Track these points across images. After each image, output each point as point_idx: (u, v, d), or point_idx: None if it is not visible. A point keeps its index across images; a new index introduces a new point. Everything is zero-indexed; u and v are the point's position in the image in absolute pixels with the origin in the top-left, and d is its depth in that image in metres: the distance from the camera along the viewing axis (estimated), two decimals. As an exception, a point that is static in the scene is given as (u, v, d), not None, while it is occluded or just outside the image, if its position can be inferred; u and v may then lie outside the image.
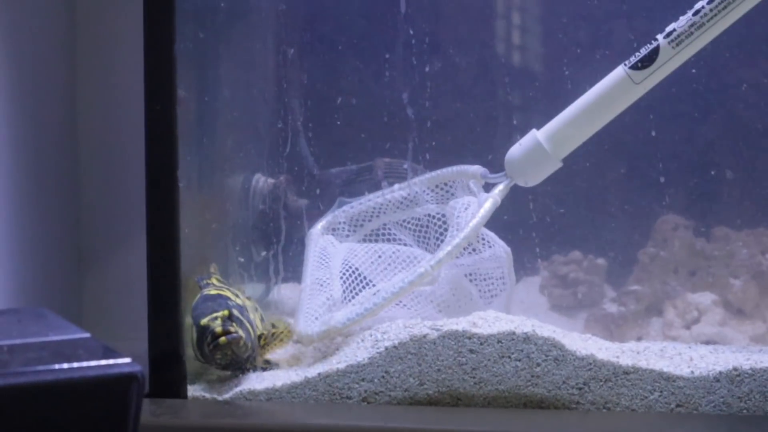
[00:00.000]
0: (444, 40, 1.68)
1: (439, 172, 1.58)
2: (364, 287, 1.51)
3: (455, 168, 1.57)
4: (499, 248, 1.51)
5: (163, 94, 1.35)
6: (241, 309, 1.42)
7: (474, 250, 1.49)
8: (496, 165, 1.51)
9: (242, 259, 1.59)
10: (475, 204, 1.50)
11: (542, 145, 1.46)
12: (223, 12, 1.58)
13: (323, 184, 1.68)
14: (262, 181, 1.67)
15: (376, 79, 1.67)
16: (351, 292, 1.50)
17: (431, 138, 1.64)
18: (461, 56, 1.69)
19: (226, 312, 1.36)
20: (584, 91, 1.45)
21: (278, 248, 1.62)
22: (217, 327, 1.34)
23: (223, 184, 1.60)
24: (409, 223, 1.59)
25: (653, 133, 1.48)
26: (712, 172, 1.62)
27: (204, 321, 1.36)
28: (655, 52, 1.40)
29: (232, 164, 1.63)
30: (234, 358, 1.37)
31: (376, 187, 1.65)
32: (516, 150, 1.49)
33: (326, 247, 1.56)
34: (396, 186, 1.60)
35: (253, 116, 1.70)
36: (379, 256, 1.54)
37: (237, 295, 1.46)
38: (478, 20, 1.71)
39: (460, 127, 1.69)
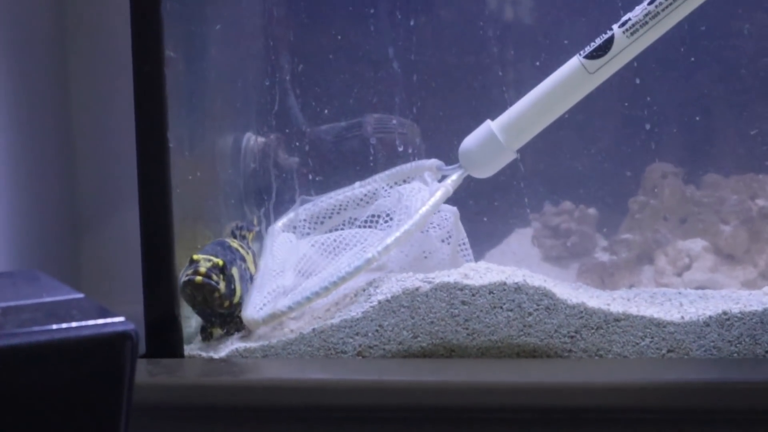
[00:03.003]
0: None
1: (397, 168, 1.57)
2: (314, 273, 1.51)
3: (413, 164, 1.56)
4: (445, 212, 1.52)
5: (151, 56, 1.35)
6: (244, 275, 1.43)
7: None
8: (486, 117, 1.50)
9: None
10: (425, 191, 1.49)
11: (496, 136, 1.45)
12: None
13: (313, 141, 1.68)
14: (253, 139, 1.67)
15: (362, 34, 1.66)
16: (303, 280, 1.50)
17: (419, 92, 1.64)
18: (447, 9, 1.68)
19: (221, 262, 1.37)
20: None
21: (269, 206, 1.62)
22: (202, 267, 1.35)
23: (214, 143, 1.60)
24: (367, 222, 1.58)
25: (637, 81, 1.47)
26: (697, 118, 1.62)
27: (197, 256, 1.38)
28: (609, 41, 1.38)
29: (223, 124, 1.63)
30: (202, 304, 1.38)
31: (366, 142, 1.65)
32: (470, 141, 1.48)
33: (283, 243, 1.56)
34: (357, 183, 1.59)
35: (241, 75, 1.70)
36: (334, 241, 1.54)
37: (250, 263, 1.47)
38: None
39: (448, 82, 1.68)
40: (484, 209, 1.64)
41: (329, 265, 1.49)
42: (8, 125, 1.58)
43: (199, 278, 1.35)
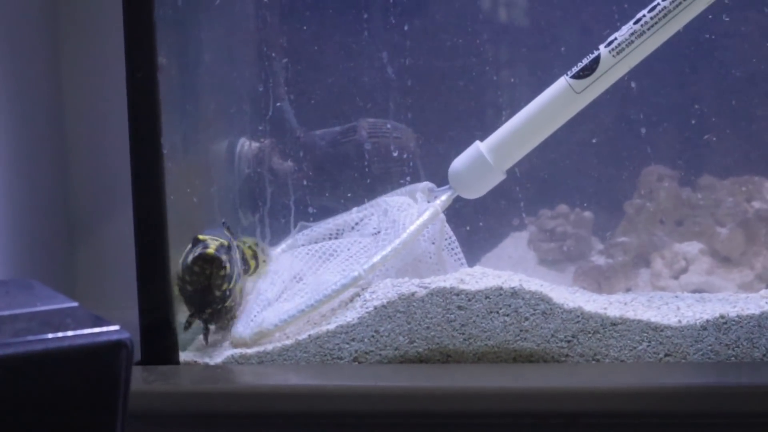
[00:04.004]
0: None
1: (391, 194, 1.58)
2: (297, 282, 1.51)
3: (406, 188, 1.57)
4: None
5: (144, 62, 1.34)
6: (238, 264, 1.43)
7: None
8: (480, 120, 1.50)
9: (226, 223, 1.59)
10: (413, 207, 1.50)
11: (485, 158, 1.44)
12: (202, -24, 1.58)
13: (308, 146, 1.68)
14: (247, 145, 1.67)
15: (355, 39, 1.66)
16: (286, 291, 1.50)
17: (412, 96, 1.64)
18: (442, 13, 1.68)
19: (226, 242, 1.37)
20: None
21: (264, 212, 1.62)
22: (212, 244, 1.35)
23: (208, 149, 1.60)
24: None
25: (632, 84, 1.47)
26: (693, 122, 1.62)
27: (204, 236, 1.37)
28: (595, 61, 1.38)
29: (217, 129, 1.63)
30: (205, 283, 1.37)
31: (360, 148, 1.65)
32: (459, 162, 1.47)
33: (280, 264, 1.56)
34: (354, 209, 1.60)
35: (235, 80, 1.70)
36: (318, 249, 1.54)
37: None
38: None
39: (443, 84, 1.68)
40: (479, 213, 1.64)
41: (314, 273, 1.49)
42: (1, 131, 1.57)
43: (211, 251, 1.34)
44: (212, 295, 1.39)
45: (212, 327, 1.43)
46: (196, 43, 1.55)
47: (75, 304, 0.90)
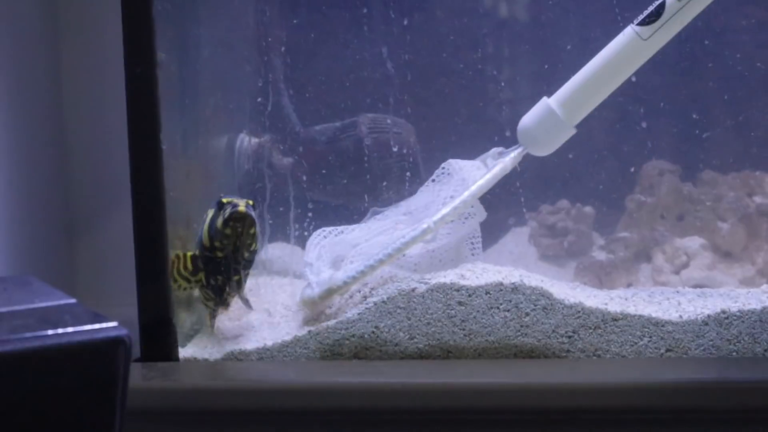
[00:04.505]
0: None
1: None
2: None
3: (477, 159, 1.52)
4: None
5: (143, 58, 1.34)
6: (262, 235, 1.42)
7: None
8: (480, 119, 1.49)
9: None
10: (482, 169, 1.46)
11: (555, 112, 1.41)
12: (201, -28, 1.57)
13: (307, 141, 1.68)
14: (246, 140, 1.67)
15: (355, 33, 1.66)
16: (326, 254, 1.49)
17: (413, 91, 1.63)
18: (442, 9, 1.68)
19: (251, 201, 1.36)
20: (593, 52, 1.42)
21: (264, 208, 1.62)
22: (241, 203, 1.34)
23: (207, 145, 1.60)
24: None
25: (633, 79, 1.46)
26: (694, 116, 1.62)
27: (227, 199, 1.36)
28: (661, 6, 1.37)
29: (216, 125, 1.63)
30: (237, 245, 1.37)
31: (360, 143, 1.65)
32: (528, 119, 1.44)
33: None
34: (420, 189, 1.53)
35: (234, 76, 1.70)
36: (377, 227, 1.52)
37: None
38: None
39: (444, 81, 1.68)
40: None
41: (367, 241, 1.47)
42: (1, 129, 1.57)
43: (242, 209, 1.34)
44: (241, 257, 1.39)
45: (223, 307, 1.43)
46: (195, 38, 1.55)
47: (73, 300, 0.90)
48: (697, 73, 1.63)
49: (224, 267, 1.39)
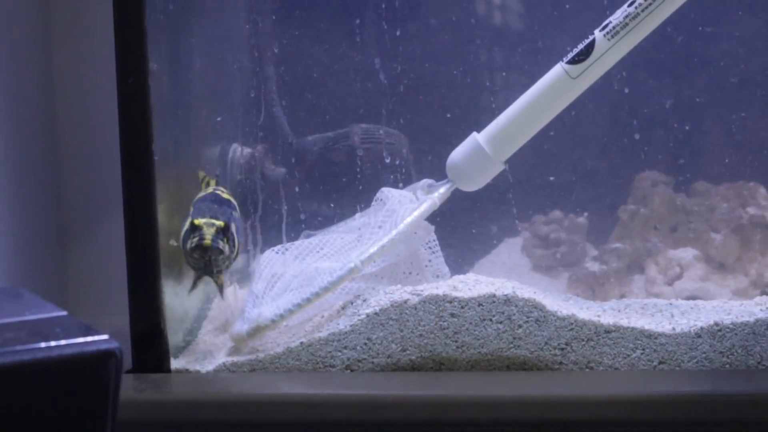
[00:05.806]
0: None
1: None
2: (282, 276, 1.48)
3: (408, 188, 1.52)
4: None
5: (135, 68, 1.34)
6: (239, 224, 1.41)
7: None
8: (473, 129, 1.49)
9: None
10: (413, 202, 1.47)
11: (483, 148, 1.42)
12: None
13: (300, 152, 1.68)
14: (239, 151, 1.67)
15: (348, 44, 1.66)
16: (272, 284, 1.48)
17: (405, 101, 1.63)
18: (435, 18, 1.68)
19: (222, 224, 1.35)
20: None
21: (256, 218, 1.61)
22: (208, 235, 1.34)
23: (199, 155, 1.59)
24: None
25: (626, 90, 1.47)
26: (687, 127, 1.62)
27: (200, 221, 1.35)
28: (590, 45, 1.37)
29: (208, 135, 1.63)
30: (207, 264, 1.36)
31: (353, 153, 1.65)
32: (457, 154, 1.45)
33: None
34: (357, 214, 1.55)
35: (227, 86, 1.69)
36: (308, 245, 1.52)
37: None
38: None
39: (436, 89, 1.68)
40: (473, 219, 1.63)
41: (305, 266, 1.47)
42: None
43: (207, 242, 1.33)
44: (216, 268, 1.38)
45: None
46: (188, 49, 1.55)
47: (64, 313, 0.90)
48: (690, 83, 1.63)
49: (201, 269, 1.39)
